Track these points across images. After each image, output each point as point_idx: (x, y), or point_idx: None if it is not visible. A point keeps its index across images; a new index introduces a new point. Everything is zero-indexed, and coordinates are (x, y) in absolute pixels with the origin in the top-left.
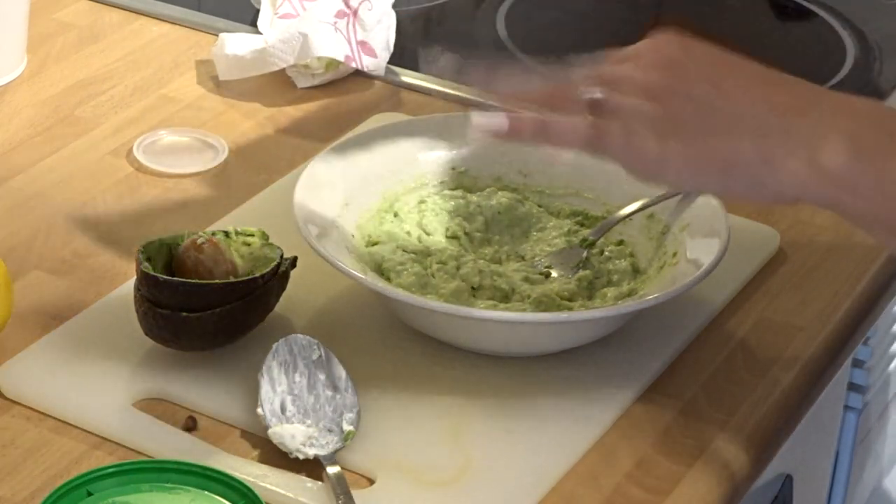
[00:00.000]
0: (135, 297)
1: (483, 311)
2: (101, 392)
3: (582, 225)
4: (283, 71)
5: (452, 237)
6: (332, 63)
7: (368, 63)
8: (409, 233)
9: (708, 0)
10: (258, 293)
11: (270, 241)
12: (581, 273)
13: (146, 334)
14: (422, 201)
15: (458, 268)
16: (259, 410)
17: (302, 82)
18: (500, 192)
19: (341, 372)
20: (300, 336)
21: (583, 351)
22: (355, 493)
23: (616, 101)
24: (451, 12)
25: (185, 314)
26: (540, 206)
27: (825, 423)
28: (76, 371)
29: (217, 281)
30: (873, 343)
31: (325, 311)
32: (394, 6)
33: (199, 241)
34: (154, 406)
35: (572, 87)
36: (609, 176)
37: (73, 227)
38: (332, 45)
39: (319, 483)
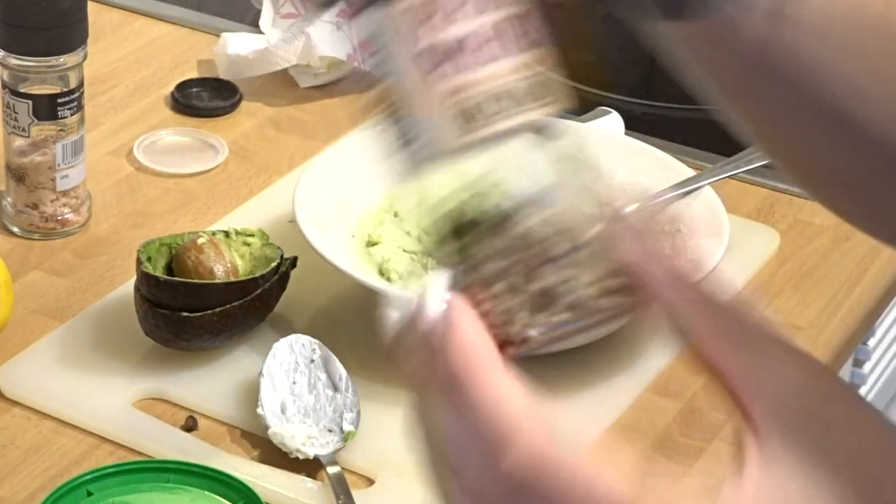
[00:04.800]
0: (135, 297)
1: None
2: (101, 392)
3: None
4: (285, 70)
5: None
6: (334, 62)
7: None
8: (409, 233)
9: None
10: (258, 293)
11: (270, 241)
12: None
13: (146, 334)
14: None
15: None
16: (259, 410)
17: (304, 82)
18: None
19: (341, 372)
20: (300, 336)
21: (583, 351)
22: (355, 493)
23: None
24: None
25: (185, 314)
26: None
27: None
28: (76, 371)
29: (217, 281)
30: (873, 343)
31: (325, 311)
32: None
33: (199, 241)
34: (154, 406)
35: None
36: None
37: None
38: (334, 45)
39: (319, 483)
